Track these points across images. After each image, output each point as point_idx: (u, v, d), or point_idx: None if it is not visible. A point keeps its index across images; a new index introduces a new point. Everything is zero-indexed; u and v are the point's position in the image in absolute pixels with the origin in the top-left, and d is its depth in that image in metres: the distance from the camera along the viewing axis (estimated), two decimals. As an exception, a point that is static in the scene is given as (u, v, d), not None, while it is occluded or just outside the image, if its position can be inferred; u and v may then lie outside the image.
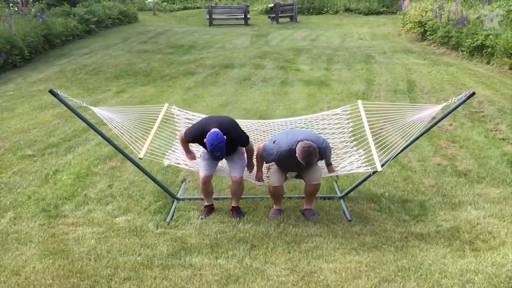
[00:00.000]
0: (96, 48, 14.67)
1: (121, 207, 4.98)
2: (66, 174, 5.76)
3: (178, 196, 5.19)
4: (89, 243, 4.32)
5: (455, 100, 4.32)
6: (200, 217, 4.75)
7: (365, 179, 5.03)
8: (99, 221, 4.70)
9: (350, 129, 5.22)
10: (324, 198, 5.15)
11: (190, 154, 5.01)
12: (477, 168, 5.82)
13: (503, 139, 6.80)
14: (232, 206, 4.83)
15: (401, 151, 4.61)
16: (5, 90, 10.06)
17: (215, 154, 4.41)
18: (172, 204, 5.03)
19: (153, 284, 3.76)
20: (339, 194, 5.19)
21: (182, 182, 5.57)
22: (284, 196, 5.01)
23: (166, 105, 5.52)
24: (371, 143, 4.66)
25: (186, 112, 5.68)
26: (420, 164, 5.97)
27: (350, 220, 4.67)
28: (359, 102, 5.35)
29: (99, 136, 6.90)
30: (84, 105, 4.82)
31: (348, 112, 5.35)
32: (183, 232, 4.49)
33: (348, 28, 19.30)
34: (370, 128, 5.18)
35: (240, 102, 8.80)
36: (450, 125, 7.40)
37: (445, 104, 4.50)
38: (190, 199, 5.18)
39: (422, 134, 4.62)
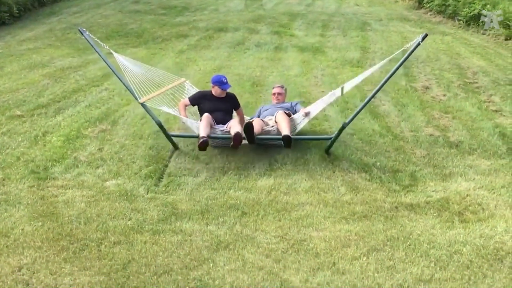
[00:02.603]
0: (87, 7, 14.33)
1: (111, 171, 4.94)
2: (55, 136, 5.68)
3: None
4: (79, 206, 4.30)
5: (411, 44, 4.59)
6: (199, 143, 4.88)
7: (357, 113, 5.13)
8: (89, 185, 4.67)
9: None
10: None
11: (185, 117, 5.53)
12: (469, 140, 5.82)
13: (496, 110, 6.79)
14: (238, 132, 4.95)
15: (373, 95, 5.13)
16: (-7, 48, 9.83)
17: (222, 80, 5.43)
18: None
19: (143, 248, 3.76)
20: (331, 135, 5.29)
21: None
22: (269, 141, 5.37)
23: (183, 79, 6.05)
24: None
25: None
26: (413, 134, 5.96)
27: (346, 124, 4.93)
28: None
29: (90, 98, 6.87)
30: (107, 48, 5.39)
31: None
32: (174, 197, 4.48)
33: (344, -7, 18.96)
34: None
35: (233, 67, 8.68)
36: (444, 95, 7.37)
37: (403, 49, 4.77)
38: (183, 136, 5.48)
39: (386, 81, 5.13)
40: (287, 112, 5.43)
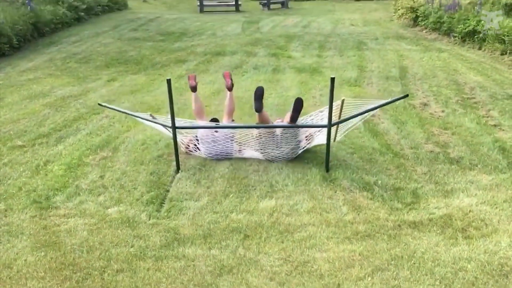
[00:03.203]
0: (86, 36, 14.50)
1: (113, 198, 4.94)
2: (57, 164, 5.70)
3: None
4: (81, 234, 4.29)
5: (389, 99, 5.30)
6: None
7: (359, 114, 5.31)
8: (91, 212, 4.67)
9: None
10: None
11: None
12: (469, 155, 5.83)
13: (495, 125, 6.82)
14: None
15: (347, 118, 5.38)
16: (-6, 79, 9.93)
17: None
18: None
19: (146, 275, 3.75)
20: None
21: (175, 173, 5.54)
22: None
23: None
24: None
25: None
26: (413, 151, 5.97)
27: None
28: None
29: (90, 126, 6.92)
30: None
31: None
32: (176, 222, 4.47)
33: (339, 14, 19.23)
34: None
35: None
36: (442, 111, 7.40)
37: (386, 101, 5.35)
38: (188, 127, 5.68)
39: (357, 115, 5.31)
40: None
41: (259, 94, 5.20)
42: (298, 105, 5.16)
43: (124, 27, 16.20)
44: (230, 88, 6.01)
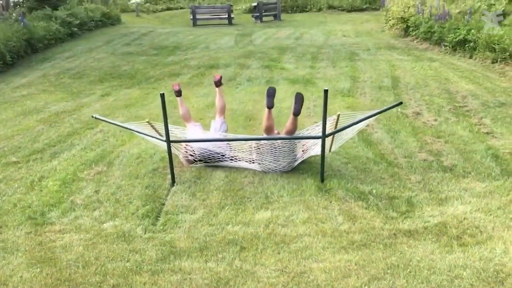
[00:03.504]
0: (79, 51, 14.55)
1: (108, 212, 4.93)
2: (51, 180, 5.69)
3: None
4: (77, 250, 4.28)
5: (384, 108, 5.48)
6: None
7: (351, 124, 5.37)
8: (87, 228, 4.65)
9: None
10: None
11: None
12: (462, 163, 5.87)
13: (488, 133, 6.87)
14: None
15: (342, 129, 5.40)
16: (-13, 96, 9.92)
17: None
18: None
19: (143, 289, 3.74)
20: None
21: (171, 186, 5.54)
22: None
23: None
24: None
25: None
26: (406, 160, 6.01)
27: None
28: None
29: (85, 141, 6.92)
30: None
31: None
32: (172, 236, 4.46)
33: (331, 26, 19.39)
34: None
35: (226, 103, 8.75)
36: (435, 120, 7.46)
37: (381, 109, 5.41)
38: (180, 141, 5.78)
39: (354, 123, 5.35)
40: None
41: (271, 92, 5.40)
42: (300, 99, 5.36)
43: (118, 41, 16.27)
44: (217, 83, 6.22)
